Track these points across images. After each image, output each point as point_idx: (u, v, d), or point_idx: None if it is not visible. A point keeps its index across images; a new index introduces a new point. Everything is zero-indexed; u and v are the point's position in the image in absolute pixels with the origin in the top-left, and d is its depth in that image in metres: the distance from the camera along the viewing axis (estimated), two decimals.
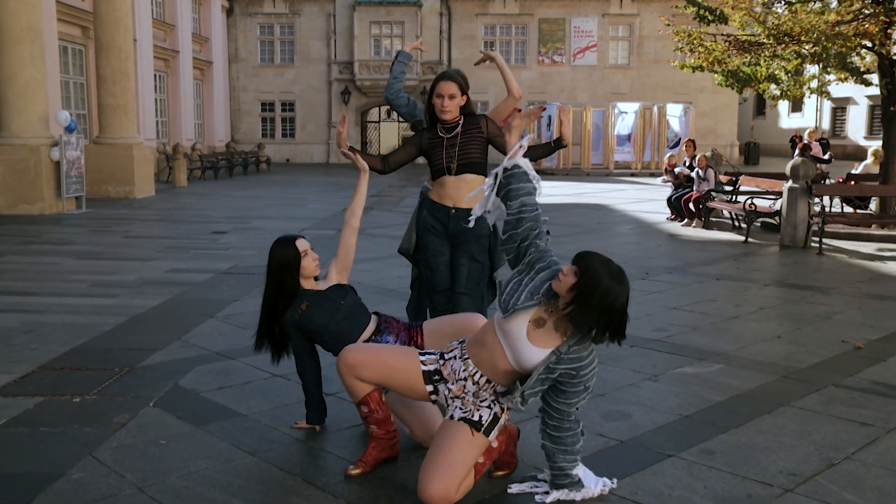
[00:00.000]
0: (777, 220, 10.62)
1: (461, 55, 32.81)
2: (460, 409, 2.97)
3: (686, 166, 13.21)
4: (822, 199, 11.32)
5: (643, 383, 4.40)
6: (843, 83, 13.50)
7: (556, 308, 2.84)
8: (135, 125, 17.37)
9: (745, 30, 12.46)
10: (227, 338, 5.31)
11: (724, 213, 12.71)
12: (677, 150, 22.39)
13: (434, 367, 3.05)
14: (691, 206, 12.23)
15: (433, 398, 3.06)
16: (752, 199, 10.93)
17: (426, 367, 3.05)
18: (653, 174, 26.19)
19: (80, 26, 19.37)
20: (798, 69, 12.95)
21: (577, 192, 18.86)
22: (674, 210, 12.84)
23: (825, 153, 17.19)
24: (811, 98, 16.20)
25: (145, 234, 11.05)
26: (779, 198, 10.63)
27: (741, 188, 12.46)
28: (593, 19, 34.07)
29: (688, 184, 12.88)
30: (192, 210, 14.43)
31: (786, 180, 10.53)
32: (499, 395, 2.99)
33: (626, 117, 28.14)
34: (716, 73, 13.02)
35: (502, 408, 3.01)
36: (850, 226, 10.90)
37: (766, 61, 12.35)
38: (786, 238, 10.17)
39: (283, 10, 34.25)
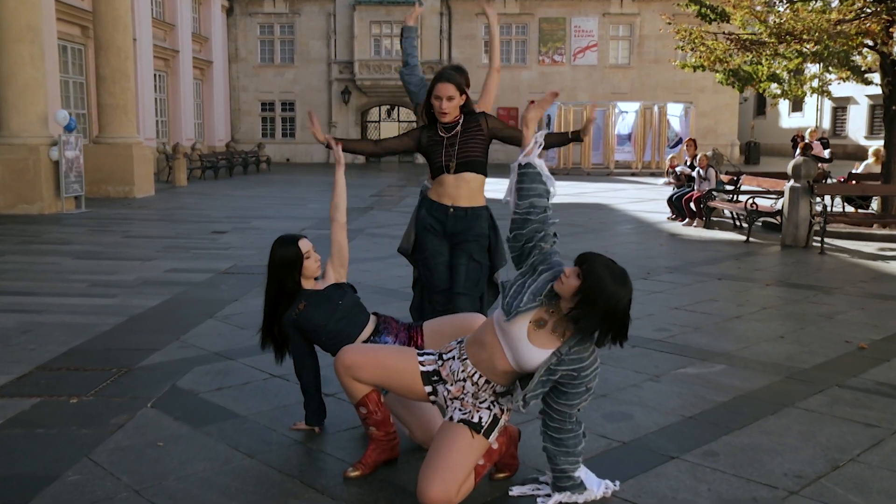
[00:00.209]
0: (778, 219, 10.59)
1: (461, 55, 32.75)
2: (460, 411, 2.94)
3: (687, 166, 13.18)
4: (823, 199, 11.29)
5: (645, 384, 4.37)
6: (843, 83, 13.46)
7: (557, 309, 2.80)
8: (134, 125, 17.34)
9: (746, 28, 12.42)
10: (226, 338, 5.28)
11: (726, 213, 12.68)
12: (677, 149, 22.35)
13: (433, 367, 3.01)
14: (692, 205, 12.20)
15: (432, 399, 3.03)
16: (754, 198, 10.90)
17: (424, 368, 3.02)
18: (653, 174, 26.15)
19: (80, 26, 19.35)
20: (799, 68, 12.92)
21: (577, 192, 18.82)
22: (674, 210, 12.81)
23: (826, 153, 17.15)
24: (812, 97, 16.15)
25: (145, 233, 11.02)
26: (780, 197, 10.59)
27: (742, 188, 12.43)
28: (593, 19, 34.04)
29: (689, 183, 12.85)
30: (192, 210, 14.40)
31: (787, 180, 10.50)
32: (498, 396, 2.96)
33: (626, 117, 28.10)
34: (717, 72, 12.99)
35: (502, 409, 2.97)
36: (852, 225, 10.86)
37: (768, 60, 12.31)
38: (787, 238, 10.14)
39: (283, 10, 34.23)
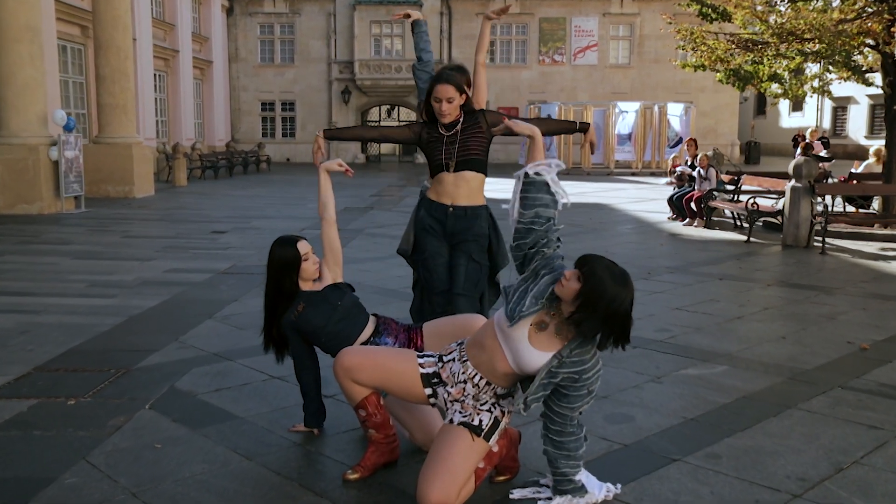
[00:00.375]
0: (779, 219, 10.56)
1: (462, 55, 32.70)
2: (460, 413, 2.91)
3: (688, 166, 13.15)
4: (824, 199, 11.26)
5: (646, 385, 4.34)
6: (844, 82, 13.44)
7: (558, 311, 2.77)
8: (134, 125, 17.31)
9: (746, 28, 12.39)
10: (225, 339, 5.25)
11: (726, 213, 12.65)
12: (678, 149, 22.31)
13: (432, 369, 2.99)
14: (693, 205, 12.17)
15: (432, 402, 3.00)
16: (755, 198, 10.87)
17: (424, 370, 2.99)
18: (653, 173, 26.12)
19: (80, 25, 19.31)
20: (799, 68, 12.89)
21: (577, 192, 18.77)
22: (675, 209, 12.78)
23: (826, 152, 17.14)
24: (812, 97, 16.13)
25: (144, 233, 10.99)
26: (781, 197, 10.56)
27: (743, 187, 12.40)
28: (594, 19, 34.02)
29: (690, 183, 12.82)
30: (192, 210, 14.37)
31: (788, 179, 10.47)
32: (499, 398, 2.93)
33: (626, 117, 28.07)
34: (718, 71, 12.95)
35: (503, 411, 2.94)
36: (853, 225, 10.84)
37: (770, 60, 12.28)
38: (788, 237, 10.11)
39: (283, 10, 34.20)
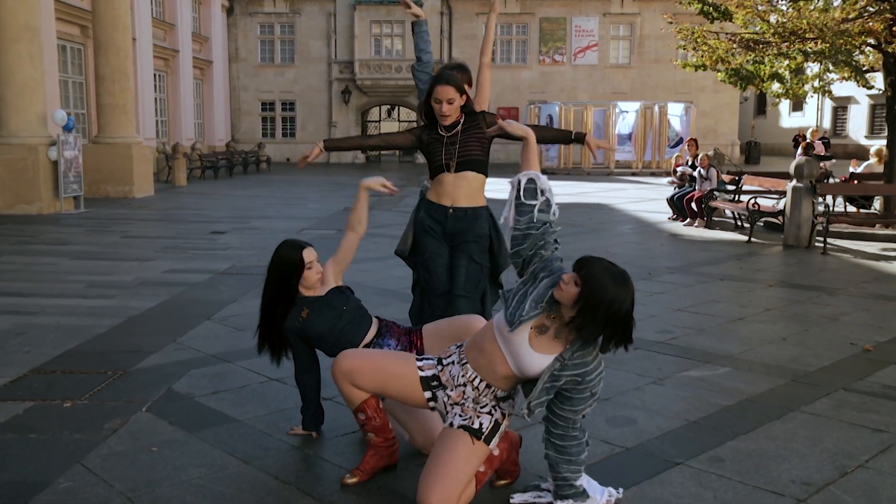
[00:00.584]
0: (780, 219, 10.52)
1: (462, 55, 32.64)
2: (460, 416, 2.87)
3: (689, 165, 13.12)
4: (825, 199, 11.22)
5: (648, 387, 4.30)
6: (845, 81, 13.40)
7: (558, 314, 2.74)
8: (134, 125, 17.28)
9: (747, 27, 12.35)
10: (224, 340, 5.21)
11: (727, 213, 12.61)
12: (678, 149, 22.28)
13: (432, 372, 2.95)
14: (693, 205, 12.13)
15: (431, 405, 2.96)
16: (756, 198, 10.83)
17: (424, 373, 2.95)
18: (654, 173, 26.08)
19: (79, 25, 19.27)
20: (800, 67, 12.84)
21: (577, 192, 18.75)
22: (675, 209, 12.74)
23: (826, 152, 17.12)
24: (813, 97, 16.10)
25: (144, 234, 10.96)
26: (782, 197, 10.52)
27: (744, 187, 12.36)
28: (594, 18, 33.98)
29: (690, 183, 12.78)
30: (192, 210, 14.33)
31: (789, 179, 10.43)
32: (499, 401, 2.89)
33: (626, 117, 28.04)
34: (719, 71, 12.91)
35: (503, 414, 2.90)
36: (854, 225, 10.80)
37: (771, 60, 12.24)
38: (789, 238, 10.07)
39: (283, 10, 34.17)
